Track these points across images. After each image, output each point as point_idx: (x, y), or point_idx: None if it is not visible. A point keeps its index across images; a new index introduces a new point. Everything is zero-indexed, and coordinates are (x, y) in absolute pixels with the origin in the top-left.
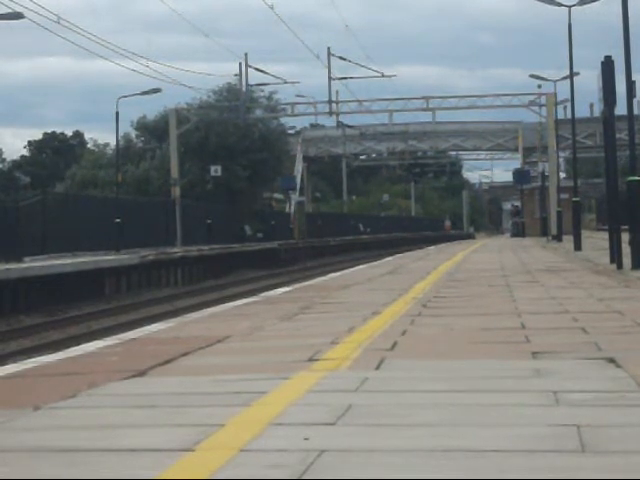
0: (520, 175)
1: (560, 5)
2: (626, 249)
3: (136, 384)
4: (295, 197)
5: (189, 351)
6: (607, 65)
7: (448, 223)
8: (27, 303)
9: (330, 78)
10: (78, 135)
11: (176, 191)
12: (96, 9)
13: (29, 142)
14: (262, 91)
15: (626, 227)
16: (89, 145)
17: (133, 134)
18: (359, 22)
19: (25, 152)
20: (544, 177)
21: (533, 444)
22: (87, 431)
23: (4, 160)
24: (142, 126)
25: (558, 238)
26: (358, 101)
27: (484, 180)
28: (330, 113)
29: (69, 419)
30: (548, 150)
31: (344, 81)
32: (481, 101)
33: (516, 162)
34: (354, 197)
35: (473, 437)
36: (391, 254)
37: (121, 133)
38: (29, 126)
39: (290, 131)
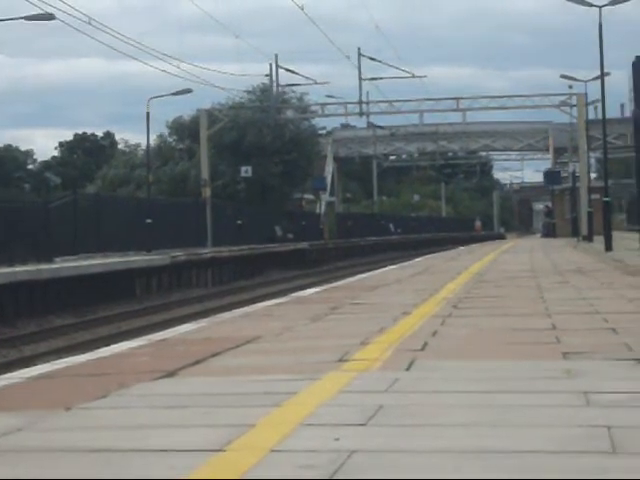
0: (551, 176)
1: (591, 5)
2: None
3: (166, 385)
4: (325, 197)
5: (219, 351)
6: (638, 65)
7: (479, 223)
8: (58, 303)
9: (360, 79)
10: (109, 136)
11: (207, 191)
12: (128, 10)
13: (60, 143)
14: (293, 92)
15: None
16: (120, 146)
17: (167, 134)
18: (389, 23)
19: (56, 153)
20: (575, 178)
21: (564, 445)
22: (117, 431)
23: (35, 161)
24: (177, 125)
25: (589, 239)
26: (388, 102)
27: (515, 181)
28: (360, 114)
29: (100, 419)
30: (579, 151)
31: (374, 82)
32: (511, 101)
33: (547, 163)
34: (384, 198)
35: (504, 438)
36: (421, 255)
37: (154, 134)
38: (60, 127)
39: (321, 132)
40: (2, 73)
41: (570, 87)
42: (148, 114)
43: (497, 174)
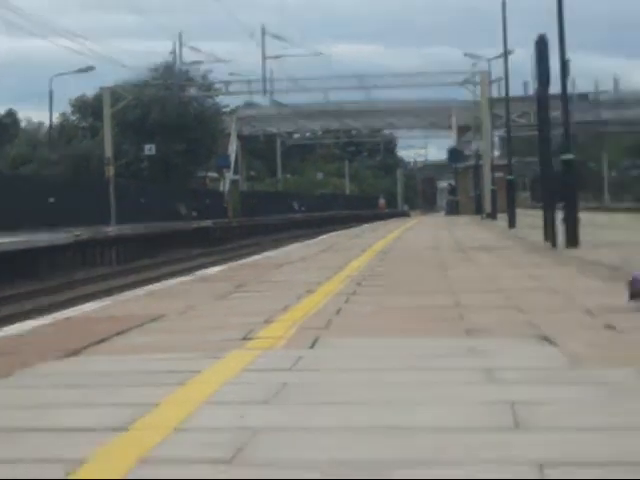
0: (454, 154)
1: None
2: (560, 227)
3: (70, 364)
4: (229, 176)
5: (124, 330)
6: (541, 43)
7: (382, 201)
8: None
9: (264, 57)
10: (11, 114)
11: (110, 170)
12: None
13: None
14: (197, 69)
15: (560, 205)
16: (23, 124)
17: (70, 112)
18: (294, 1)
19: None
20: (478, 156)
21: (467, 421)
22: (19, 411)
23: None
24: (80, 103)
25: (492, 216)
26: (293, 80)
27: (418, 159)
28: (264, 92)
29: (1, 398)
30: (482, 129)
31: (279, 60)
32: (415, 79)
33: (451, 141)
34: (289, 176)
35: (408, 415)
36: (326, 232)
37: (57, 112)
38: None
39: (225, 110)
40: None
41: (474, 65)
42: (51, 92)
43: (401, 152)
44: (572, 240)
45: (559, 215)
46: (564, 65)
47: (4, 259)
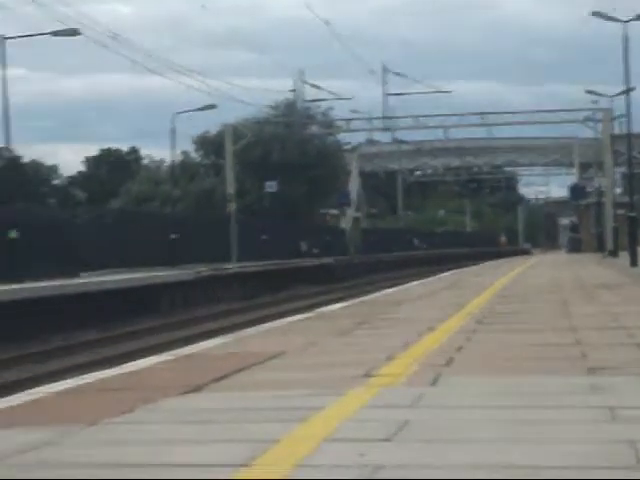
0: (576, 191)
1: (616, 20)
2: None
3: (191, 400)
4: (351, 213)
5: (244, 367)
6: None
7: (504, 239)
8: (83, 319)
9: (385, 94)
10: (134, 151)
11: (232, 207)
12: (152, 26)
13: (85, 158)
14: (318, 107)
15: None
16: (145, 161)
17: (192, 150)
18: (415, 38)
19: (81, 168)
20: (600, 193)
21: (589, 460)
22: (142, 447)
23: (61, 176)
24: (202, 140)
25: (614, 254)
26: (414, 117)
27: (540, 196)
28: (385, 129)
29: (124, 434)
30: (604, 165)
31: (400, 97)
32: (537, 116)
33: (572, 178)
34: (409, 213)
35: (529, 453)
36: (446, 270)
37: (178, 149)
38: (85, 142)
39: (346, 147)
40: (28, 88)
41: (595, 102)
42: (173, 129)
43: (522, 189)
44: None
45: None
46: None
47: (128, 295)
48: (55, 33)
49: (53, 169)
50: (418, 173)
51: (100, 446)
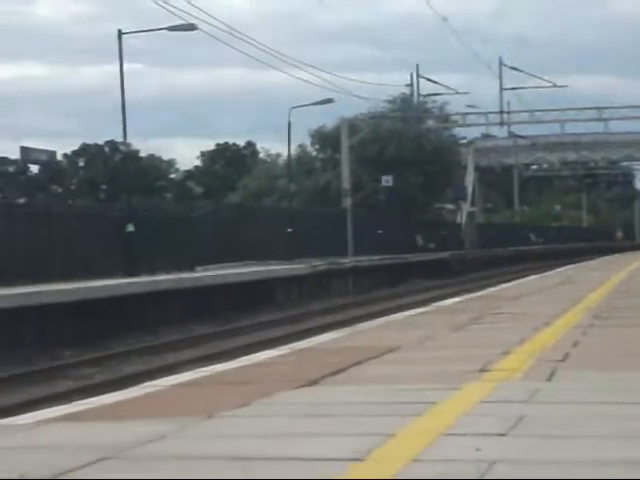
0: None
1: None
2: None
3: (307, 393)
4: (466, 207)
5: (360, 361)
6: None
7: (620, 234)
8: (199, 312)
9: (501, 88)
10: (250, 145)
11: (348, 201)
12: (268, 21)
13: (202, 152)
14: (434, 101)
15: None
16: (261, 155)
17: (308, 144)
18: (531, 33)
19: (198, 162)
20: None
21: None
22: (258, 440)
23: (177, 170)
24: (319, 135)
25: None
26: (529, 111)
27: None
28: (501, 123)
29: (241, 427)
30: None
31: (515, 92)
32: None
33: None
34: (525, 207)
35: None
36: (562, 265)
37: (294, 144)
38: (202, 136)
39: (462, 142)
40: (145, 83)
41: None
42: (290, 124)
43: (639, 184)
44: None
45: None
46: None
47: (243, 289)
48: (172, 28)
49: (171, 163)
50: (534, 168)
51: (217, 439)
